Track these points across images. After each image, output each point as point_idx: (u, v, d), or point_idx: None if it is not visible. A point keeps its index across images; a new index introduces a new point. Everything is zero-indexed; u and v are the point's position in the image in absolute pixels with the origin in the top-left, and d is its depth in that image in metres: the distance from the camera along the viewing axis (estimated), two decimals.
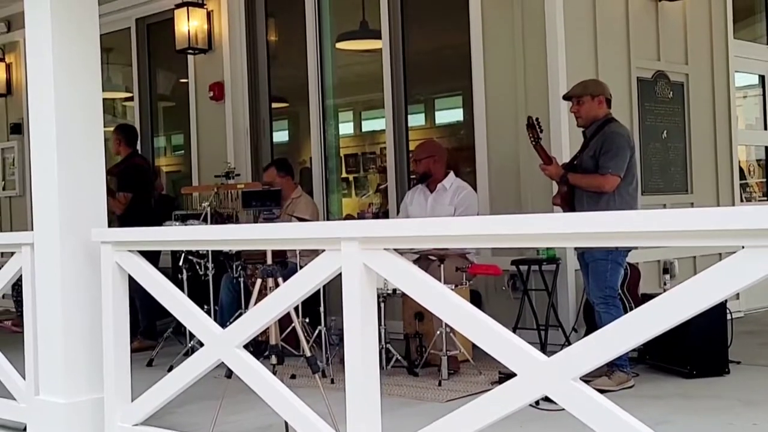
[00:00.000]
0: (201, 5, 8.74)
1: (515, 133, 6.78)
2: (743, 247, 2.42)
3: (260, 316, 3.62)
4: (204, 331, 3.85)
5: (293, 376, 5.65)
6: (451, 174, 6.57)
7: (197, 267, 6.83)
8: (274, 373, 3.97)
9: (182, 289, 6.77)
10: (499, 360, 2.91)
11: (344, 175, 8.54)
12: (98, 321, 4.30)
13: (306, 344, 4.35)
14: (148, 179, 7.82)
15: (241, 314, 6.22)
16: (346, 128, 8.83)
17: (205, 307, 6.82)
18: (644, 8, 7.34)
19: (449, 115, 8.31)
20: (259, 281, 4.29)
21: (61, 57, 4.51)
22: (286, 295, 3.52)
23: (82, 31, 4.58)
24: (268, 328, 4.16)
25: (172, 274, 7.02)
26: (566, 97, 5.80)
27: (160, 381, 4.04)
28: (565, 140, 6.50)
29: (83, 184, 4.50)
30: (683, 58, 7.66)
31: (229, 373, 3.97)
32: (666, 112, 7.47)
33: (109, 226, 4.84)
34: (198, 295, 6.95)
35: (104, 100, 10.92)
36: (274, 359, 4.21)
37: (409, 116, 7.84)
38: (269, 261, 4.26)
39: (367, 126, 8.74)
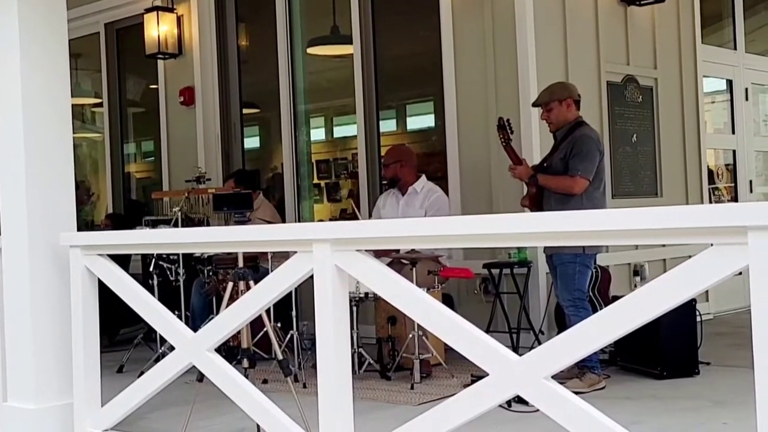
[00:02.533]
0: (171, 10, 8.71)
1: (486, 137, 6.80)
2: (711, 245, 2.44)
3: (232, 319, 3.60)
4: (175, 335, 3.82)
5: (265, 381, 5.62)
6: (423, 177, 6.57)
7: (168, 272, 6.79)
8: (246, 377, 3.95)
9: (153, 295, 6.76)
10: (471, 360, 2.91)
11: (316, 180, 8.52)
12: (67, 326, 4.26)
13: (278, 348, 4.33)
14: None
15: (212, 319, 6.19)
16: (317, 134, 8.82)
17: (176, 312, 6.79)
18: (613, 13, 7.40)
19: (421, 120, 8.32)
20: (230, 284, 4.27)
21: (29, 61, 4.46)
22: (258, 298, 3.50)
23: (50, 35, 4.53)
24: (239, 332, 4.15)
25: (142, 279, 6.97)
26: (535, 105, 5.84)
27: (131, 386, 4.01)
28: (536, 143, 6.54)
29: (51, 188, 4.46)
30: (652, 62, 7.73)
31: (201, 377, 3.94)
32: (636, 115, 7.53)
33: None
34: (169, 301, 6.92)
35: (73, 106, 10.86)
36: (246, 363, 4.18)
37: (381, 122, 7.84)
38: (240, 264, 4.24)
39: (339, 132, 8.73)
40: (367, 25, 7.72)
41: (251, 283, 4.18)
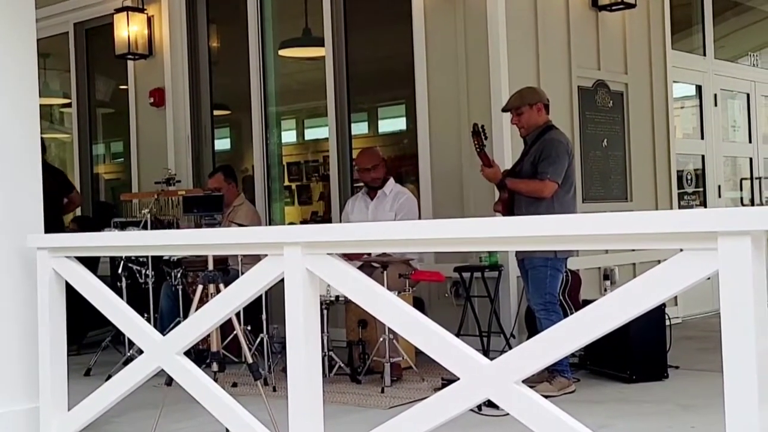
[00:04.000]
0: (141, 10, 8.64)
1: (458, 141, 6.81)
2: (681, 251, 2.45)
3: (201, 322, 3.57)
4: (143, 338, 3.78)
5: (234, 384, 5.59)
6: (391, 180, 6.56)
7: (137, 275, 6.74)
8: (215, 381, 3.91)
9: (121, 297, 6.69)
10: (442, 364, 2.90)
11: (287, 183, 8.49)
12: (34, 328, 4.19)
13: (248, 351, 4.30)
14: (55, 188, 7.69)
15: (179, 322, 6.14)
16: (289, 136, 8.80)
17: (145, 315, 6.73)
18: (585, 18, 7.43)
19: (392, 123, 8.32)
20: (200, 287, 4.23)
21: None
22: (228, 301, 3.47)
23: (17, 33, 4.47)
24: (209, 336, 4.11)
25: (111, 282, 6.91)
26: (505, 110, 5.85)
27: (98, 389, 3.95)
28: (507, 148, 6.55)
29: (18, 189, 4.39)
30: (623, 67, 7.77)
31: (170, 381, 3.91)
32: (606, 120, 7.56)
33: None
34: (138, 304, 6.86)
35: (41, 106, 10.69)
36: (215, 366, 4.15)
37: (353, 124, 7.83)
38: (210, 267, 4.21)
39: (310, 134, 8.71)
40: (339, 27, 7.70)
41: (221, 286, 4.15)
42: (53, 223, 7.43)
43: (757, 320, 2.32)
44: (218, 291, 4.14)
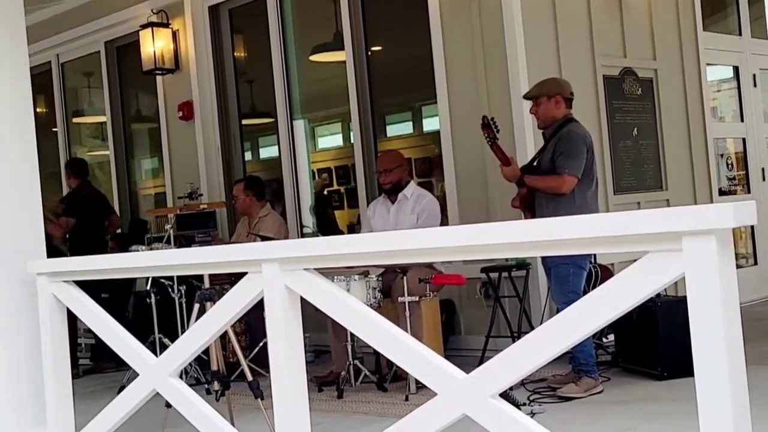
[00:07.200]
0: (166, 25, 8.66)
1: (480, 140, 6.63)
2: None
3: (190, 343, 3.51)
4: (138, 361, 3.75)
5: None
6: (412, 183, 6.44)
7: (170, 290, 6.75)
8: (217, 400, 3.87)
9: (152, 314, 6.73)
10: (420, 380, 2.81)
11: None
12: (40, 353, 4.19)
13: (247, 369, 4.24)
14: (94, 209, 8.07)
15: None
16: (319, 143, 8.77)
17: (180, 331, 6.74)
18: (607, 4, 7.22)
19: (417, 125, 8.22)
20: (196, 306, 4.19)
21: None
22: (213, 321, 3.41)
23: (10, 61, 4.45)
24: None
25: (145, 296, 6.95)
26: (525, 97, 5.73)
27: (99, 414, 3.93)
28: (530, 142, 6.39)
29: (17, 214, 4.39)
30: (651, 53, 7.54)
31: (169, 403, 3.86)
32: (635, 109, 7.35)
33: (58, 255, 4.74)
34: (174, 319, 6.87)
35: (90, 124, 10.70)
36: (216, 385, 4.10)
37: (377, 128, 7.73)
38: (206, 285, 4.16)
39: (338, 140, 8.67)
40: (359, 31, 7.61)
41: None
42: (98, 244, 7.71)
43: (725, 321, 2.18)
44: None
